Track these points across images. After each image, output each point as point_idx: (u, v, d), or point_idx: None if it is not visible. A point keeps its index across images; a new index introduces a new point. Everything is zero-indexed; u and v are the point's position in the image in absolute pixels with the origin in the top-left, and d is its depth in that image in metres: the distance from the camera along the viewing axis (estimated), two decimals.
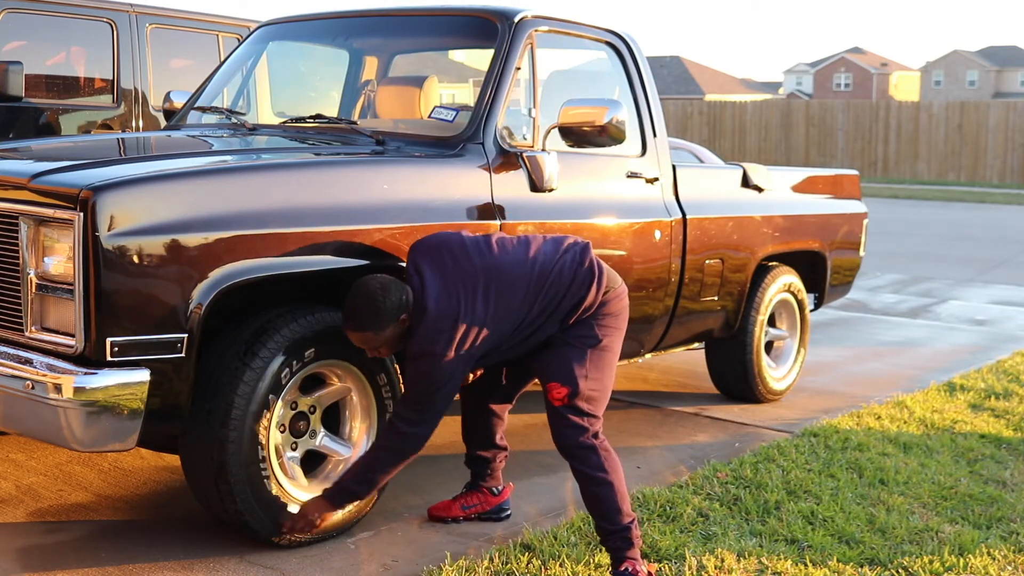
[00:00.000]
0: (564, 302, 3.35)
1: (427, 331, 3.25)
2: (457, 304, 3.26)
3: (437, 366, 3.25)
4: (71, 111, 6.51)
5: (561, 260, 3.38)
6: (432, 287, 3.28)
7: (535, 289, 3.34)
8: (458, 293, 3.27)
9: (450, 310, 3.25)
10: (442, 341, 3.24)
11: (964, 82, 72.05)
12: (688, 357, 6.63)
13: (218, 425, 3.24)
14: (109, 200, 3.00)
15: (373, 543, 3.61)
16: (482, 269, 3.32)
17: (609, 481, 3.32)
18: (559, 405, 3.34)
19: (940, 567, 3.54)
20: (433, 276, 3.31)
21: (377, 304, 3.24)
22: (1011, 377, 6.43)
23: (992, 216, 20.04)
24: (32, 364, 3.07)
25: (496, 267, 3.34)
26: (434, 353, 3.24)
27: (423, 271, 3.33)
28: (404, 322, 3.29)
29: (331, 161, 3.82)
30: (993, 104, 31.13)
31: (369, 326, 3.28)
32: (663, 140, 4.91)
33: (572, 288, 3.35)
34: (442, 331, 3.23)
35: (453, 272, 3.31)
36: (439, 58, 7.26)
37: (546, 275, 3.35)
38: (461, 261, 3.34)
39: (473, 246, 3.39)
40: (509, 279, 3.33)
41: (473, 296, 3.28)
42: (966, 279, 11.35)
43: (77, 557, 3.40)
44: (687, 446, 4.91)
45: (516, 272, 3.35)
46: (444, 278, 3.30)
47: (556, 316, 3.36)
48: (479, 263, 3.34)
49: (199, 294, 3.13)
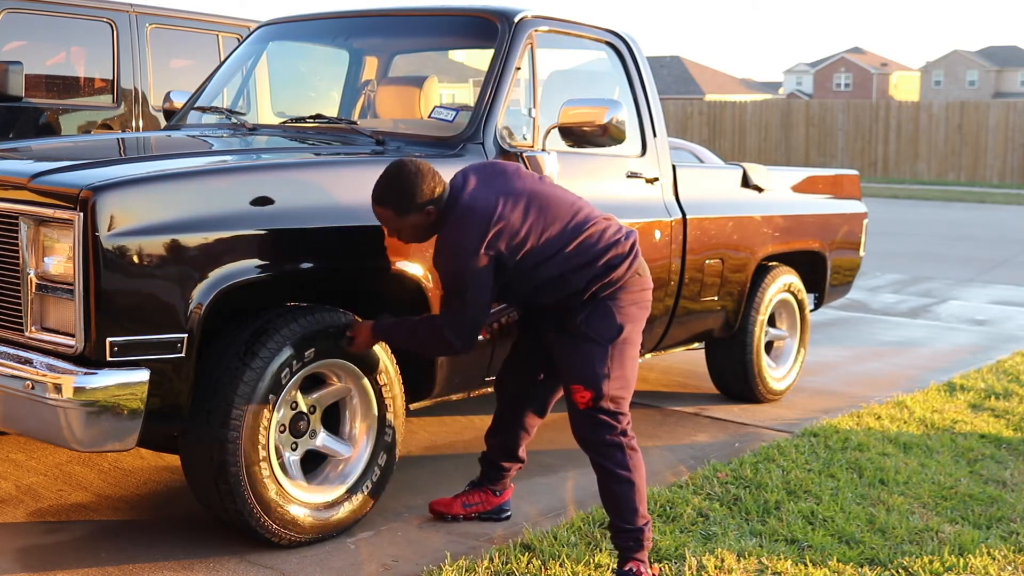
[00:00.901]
0: (597, 262, 3.32)
1: (458, 221, 3.22)
2: (495, 205, 3.23)
3: (463, 262, 3.20)
4: (71, 111, 6.51)
5: (606, 223, 3.41)
6: (474, 186, 3.29)
7: (573, 231, 3.33)
8: (499, 198, 3.26)
9: (487, 207, 3.22)
10: (471, 234, 3.19)
11: (964, 82, 72.04)
12: (688, 357, 6.63)
13: (218, 425, 3.24)
14: (109, 200, 3.00)
15: (373, 543, 3.61)
16: (530, 191, 3.33)
17: (631, 480, 3.31)
18: (584, 408, 3.33)
19: (940, 567, 3.54)
20: (478, 180, 3.32)
21: (405, 183, 3.23)
22: (1011, 377, 6.43)
23: (992, 216, 20.04)
24: (32, 364, 3.07)
25: (544, 195, 3.36)
26: (463, 246, 3.20)
27: (469, 175, 3.36)
28: (430, 214, 3.27)
29: (331, 161, 3.82)
30: (993, 104, 31.13)
31: (392, 203, 3.26)
32: (663, 140, 4.91)
33: (608, 250, 3.33)
34: (473, 223, 3.20)
35: (500, 183, 3.32)
36: (439, 58, 7.26)
37: (587, 224, 3.36)
38: (512, 180, 3.36)
39: (527, 173, 3.45)
40: (553, 210, 3.34)
41: (514, 206, 3.27)
42: (966, 279, 11.35)
43: (77, 557, 3.40)
44: (687, 446, 4.91)
45: (561, 207, 3.36)
46: (489, 185, 3.30)
47: (587, 272, 3.31)
48: (529, 186, 3.36)
49: (199, 294, 3.13)
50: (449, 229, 3.26)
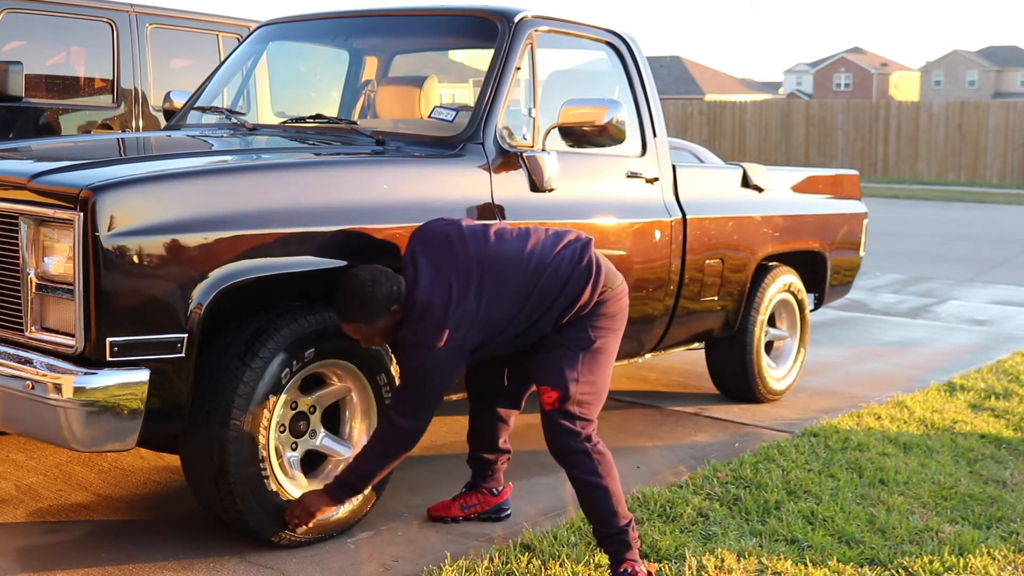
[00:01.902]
0: (559, 300, 3.33)
1: (417, 321, 3.24)
2: (448, 296, 3.24)
3: (427, 357, 3.24)
4: (71, 111, 6.51)
5: (560, 256, 3.36)
6: (424, 278, 3.27)
7: (530, 284, 3.32)
8: (450, 284, 3.26)
9: (441, 301, 3.23)
10: (432, 332, 3.22)
11: (964, 82, 72.04)
12: (688, 357, 6.63)
13: (218, 425, 3.24)
14: (109, 200, 3.00)
15: (373, 543, 3.61)
16: (477, 260, 3.31)
17: (603, 486, 3.30)
18: (550, 409, 3.32)
19: (940, 567, 3.54)
20: (427, 266, 3.30)
21: (367, 295, 3.23)
22: (1011, 377, 6.43)
23: (992, 216, 20.04)
24: (32, 364, 3.07)
25: (492, 258, 3.33)
26: (424, 344, 3.24)
27: (418, 261, 3.32)
28: (396, 313, 3.28)
29: (331, 161, 3.82)
30: (993, 104, 31.13)
31: (360, 317, 3.27)
32: (663, 140, 4.91)
33: (568, 286, 3.33)
34: (432, 321, 3.22)
35: (448, 263, 3.30)
36: (439, 58, 7.26)
37: (542, 270, 3.33)
38: (457, 251, 3.33)
39: (471, 235, 3.38)
40: (504, 271, 3.32)
41: (466, 287, 3.27)
42: (966, 279, 11.35)
43: (77, 557, 3.40)
44: (687, 446, 4.91)
45: (512, 264, 3.33)
46: (438, 269, 3.29)
47: (551, 314, 3.34)
48: (475, 253, 3.32)
49: (199, 294, 3.13)
50: (410, 330, 3.26)
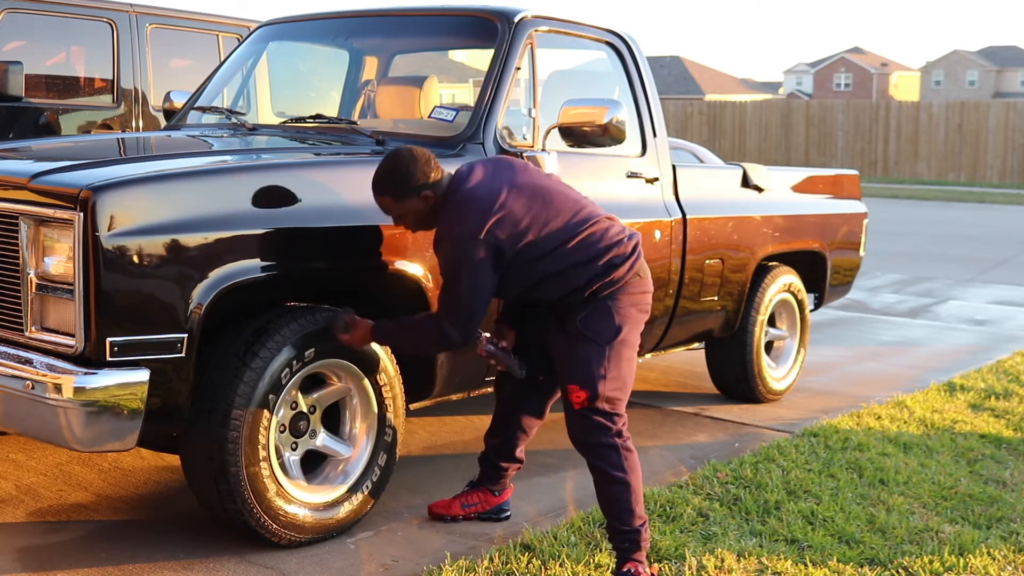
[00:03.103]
0: (598, 261, 3.31)
1: (457, 208, 3.23)
2: (497, 193, 3.23)
3: (462, 252, 3.18)
4: (71, 111, 6.51)
5: (609, 223, 3.41)
6: (476, 176, 3.30)
7: (575, 226, 3.32)
8: (502, 187, 3.26)
9: (489, 195, 3.22)
10: (470, 222, 3.18)
11: (964, 82, 72.03)
12: (688, 357, 6.63)
13: (218, 425, 3.24)
14: (109, 200, 3.00)
15: (373, 543, 3.61)
16: (534, 185, 3.34)
17: (627, 481, 3.30)
18: (579, 408, 3.33)
19: (940, 567, 3.54)
20: (482, 170, 3.33)
21: (402, 169, 3.27)
22: (1011, 377, 6.43)
23: (992, 216, 20.04)
24: (32, 364, 3.07)
25: (548, 189, 3.36)
26: (460, 236, 3.19)
27: (475, 166, 3.36)
28: (428, 199, 3.29)
29: (331, 161, 3.82)
30: (993, 104, 31.13)
31: (389, 191, 3.31)
32: (663, 140, 4.91)
33: (610, 250, 3.33)
34: (474, 211, 3.19)
35: (505, 174, 3.33)
36: (439, 58, 7.26)
37: (589, 222, 3.35)
38: (518, 173, 3.36)
39: (534, 169, 3.46)
40: (557, 204, 3.33)
41: (517, 196, 3.27)
42: (966, 279, 11.35)
43: (77, 557, 3.40)
44: (687, 446, 4.91)
45: (565, 203, 3.36)
46: (493, 175, 3.31)
47: (587, 271, 3.30)
48: (534, 180, 3.37)
49: (199, 294, 3.13)
50: (448, 216, 3.26)
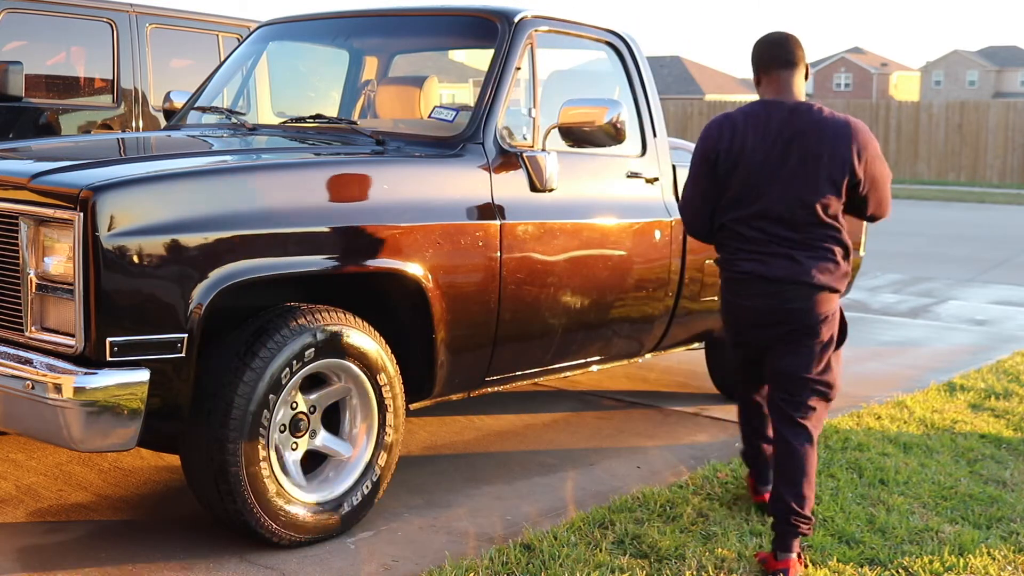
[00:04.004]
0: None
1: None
2: (728, 119, 3.51)
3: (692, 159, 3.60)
4: (71, 111, 6.52)
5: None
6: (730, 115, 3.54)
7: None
8: (747, 122, 3.48)
9: (725, 118, 3.52)
10: (703, 139, 3.55)
11: (964, 82, 72.03)
12: (688, 357, 6.63)
13: (218, 425, 3.24)
14: (109, 200, 3.00)
15: (373, 543, 3.61)
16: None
17: (813, 463, 3.49)
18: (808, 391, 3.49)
19: (940, 567, 3.54)
20: (743, 111, 3.55)
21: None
22: (1011, 377, 6.43)
23: (992, 216, 20.04)
24: (32, 364, 3.07)
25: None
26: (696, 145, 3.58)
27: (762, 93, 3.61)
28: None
29: (331, 161, 3.82)
30: (993, 104, 31.12)
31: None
32: (663, 140, 4.91)
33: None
34: (709, 134, 3.53)
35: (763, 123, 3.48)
36: (439, 58, 7.27)
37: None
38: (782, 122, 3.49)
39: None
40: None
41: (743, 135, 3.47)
42: (966, 279, 11.35)
43: (77, 557, 3.40)
44: (687, 446, 4.91)
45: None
46: (751, 118, 3.50)
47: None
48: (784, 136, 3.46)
49: (199, 294, 3.13)
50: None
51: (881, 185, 3.51)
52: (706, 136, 3.53)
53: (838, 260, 3.51)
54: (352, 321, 3.53)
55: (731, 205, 3.50)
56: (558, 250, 4.19)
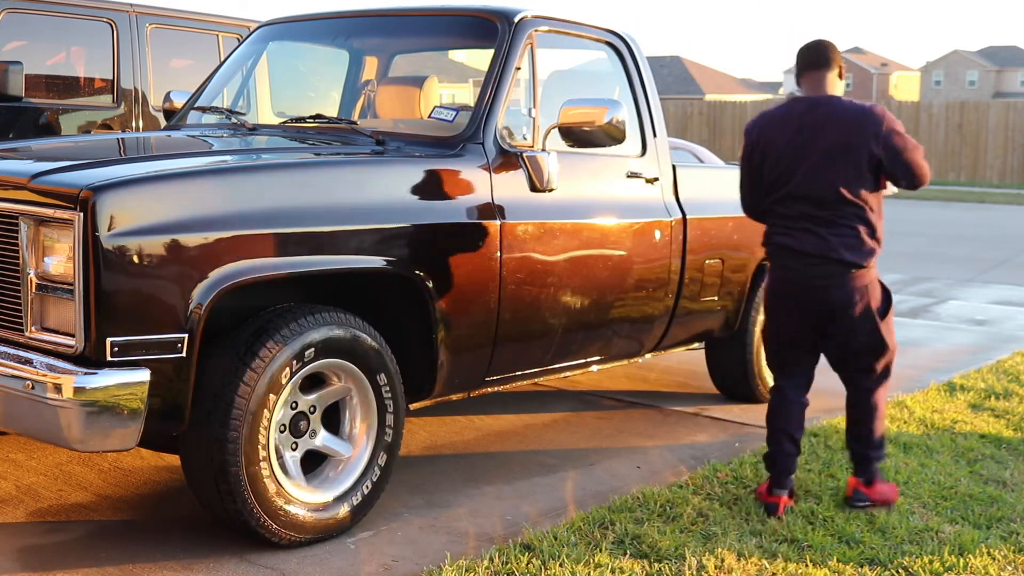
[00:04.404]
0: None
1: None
2: (762, 117, 4.00)
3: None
4: (71, 111, 6.52)
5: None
6: (765, 113, 4.01)
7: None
8: (774, 118, 3.95)
9: (760, 116, 4.00)
10: (745, 134, 4.02)
11: (964, 82, 72.05)
12: (688, 357, 6.63)
13: (218, 425, 3.24)
14: (109, 200, 3.00)
15: (373, 543, 3.61)
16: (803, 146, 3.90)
17: (877, 406, 4.05)
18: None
19: (940, 567, 3.54)
20: (775, 108, 4.01)
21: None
22: (1011, 377, 6.43)
23: (992, 216, 20.04)
24: (32, 364, 3.07)
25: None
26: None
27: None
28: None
29: (331, 161, 3.82)
30: (993, 104, 31.12)
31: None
32: (663, 140, 4.91)
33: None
34: (746, 131, 4.02)
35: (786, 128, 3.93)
36: (439, 58, 7.28)
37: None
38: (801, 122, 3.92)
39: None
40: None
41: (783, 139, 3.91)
42: (966, 279, 11.35)
43: (77, 557, 3.40)
44: (687, 446, 4.91)
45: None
46: (776, 115, 3.97)
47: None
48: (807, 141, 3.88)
49: (199, 294, 3.13)
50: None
51: (905, 156, 3.83)
52: (746, 132, 4.05)
53: (862, 237, 3.88)
54: (352, 321, 3.53)
55: (769, 189, 3.97)
56: (558, 250, 4.19)
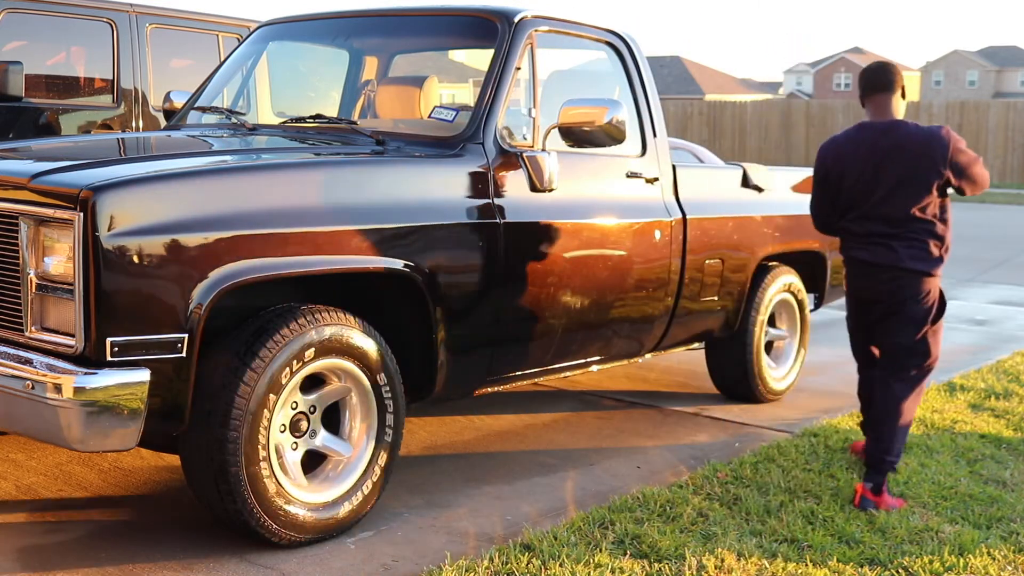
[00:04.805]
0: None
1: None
2: (833, 143, 4.34)
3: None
4: (71, 111, 6.52)
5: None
6: (836, 138, 4.36)
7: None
8: (846, 145, 4.27)
9: (831, 142, 4.34)
10: (817, 159, 4.38)
11: (964, 82, 72.04)
12: (688, 357, 6.63)
13: (218, 425, 3.24)
14: (109, 200, 3.00)
15: (373, 543, 3.61)
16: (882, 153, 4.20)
17: (904, 414, 4.24)
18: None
19: (940, 567, 3.54)
20: (845, 134, 4.32)
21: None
22: (1011, 377, 6.43)
23: (992, 216, 20.04)
24: (32, 364, 3.07)
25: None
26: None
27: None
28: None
29: (331, 161, 3.82)
30: (993, 104, 31.12)
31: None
32: (663, 140, 4.91)
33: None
34: (819, 155, 4.38)
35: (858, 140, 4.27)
36: (439, 58, 7.28)
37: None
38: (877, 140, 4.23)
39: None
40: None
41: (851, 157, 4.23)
42: (966, 279, 11.36)
43: (77, 557, 3.40)
44: (687, 446, 4.91)
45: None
46: (848, 140, 4.29)
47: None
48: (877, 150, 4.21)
49: (199, 294, 3.13)
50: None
51: (969, 172, 4.21)
52: (819, 157, 4.38)
53: (930, 249, 4.29)
54: (352, 321, 3.53)
55: (843, 210, 4.32)
56: (558, 250, 4.19)
